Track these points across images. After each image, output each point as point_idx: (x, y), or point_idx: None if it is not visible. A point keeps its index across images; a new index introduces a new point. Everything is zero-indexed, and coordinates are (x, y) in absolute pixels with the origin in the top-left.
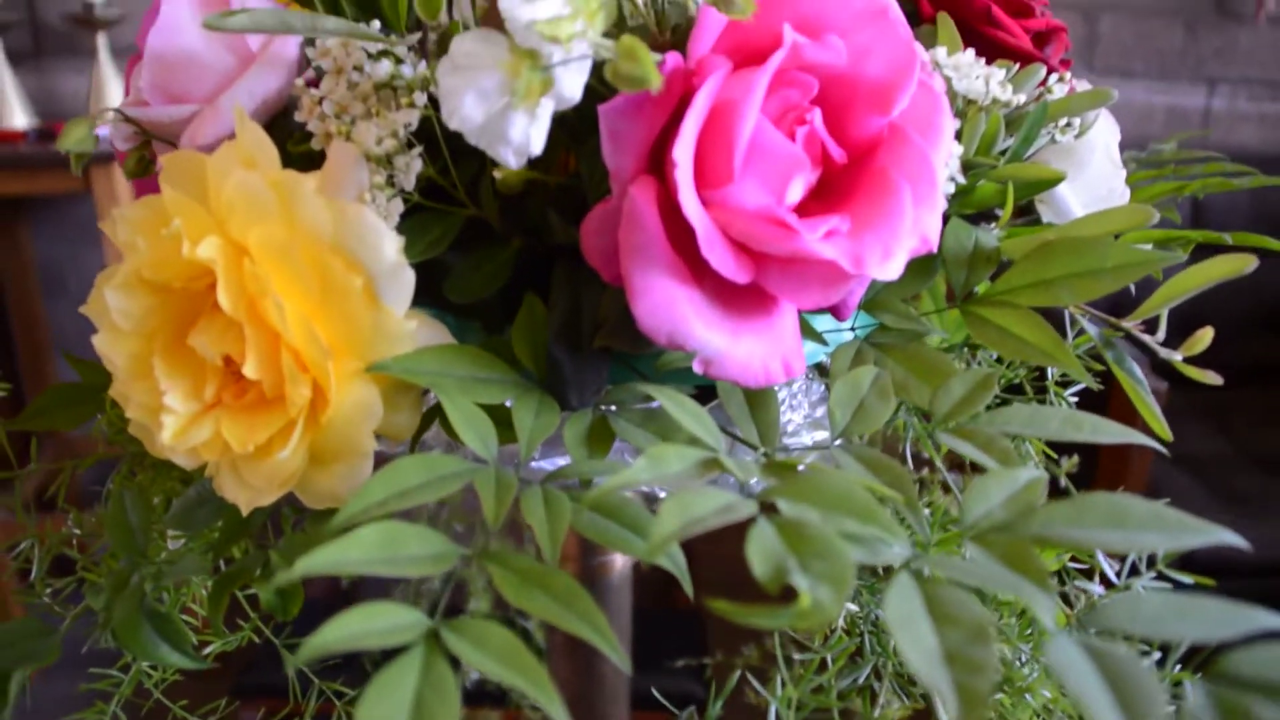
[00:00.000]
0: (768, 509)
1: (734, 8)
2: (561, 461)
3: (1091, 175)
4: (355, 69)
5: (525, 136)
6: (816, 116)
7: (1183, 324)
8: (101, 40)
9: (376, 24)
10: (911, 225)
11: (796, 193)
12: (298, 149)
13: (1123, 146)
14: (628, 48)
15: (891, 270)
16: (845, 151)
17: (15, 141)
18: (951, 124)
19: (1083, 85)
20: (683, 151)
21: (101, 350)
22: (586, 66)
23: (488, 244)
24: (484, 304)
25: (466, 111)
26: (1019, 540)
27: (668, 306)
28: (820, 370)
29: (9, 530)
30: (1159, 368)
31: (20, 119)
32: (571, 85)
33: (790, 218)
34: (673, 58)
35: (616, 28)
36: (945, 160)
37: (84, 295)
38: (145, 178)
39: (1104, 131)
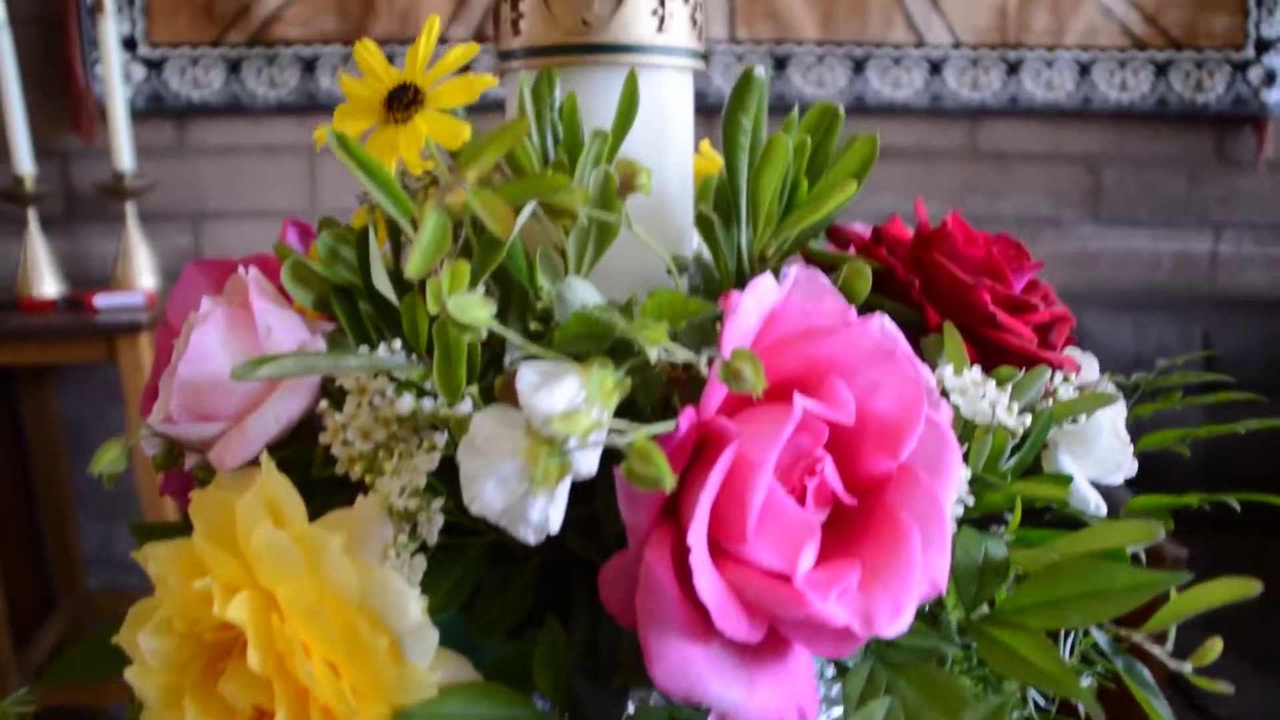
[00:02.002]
0: None
1: (744, 383)
2: None
3: (1099, 453)
4: (378, 394)
5: (544, 517)
6: (827, 465)
7: (1207, 472)
8: (130, 208)
9: (399, 343)
10: (921, 572)
11: (809, 559)
12: (322, 474)
13: (1131, 293)
14: (641, 450)
15: (900, 626)
16: (856, 489)
17: (45, 311)
18: (960, 458)
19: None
20: (697, 537)
21: (133, 683)
22: (602, 445)
23: (508, 565)
24: None
25: (487, 499)
26: None
27: (684, 668)
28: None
29: None
30: (1180, 524)
31: (50, 286)
32: (588, 463)
33: (803, 585)
34: (687, 418)
35: (632, 373)
36: (954, 496)
37: None
38: (173, 469)
39: (1110, 411)
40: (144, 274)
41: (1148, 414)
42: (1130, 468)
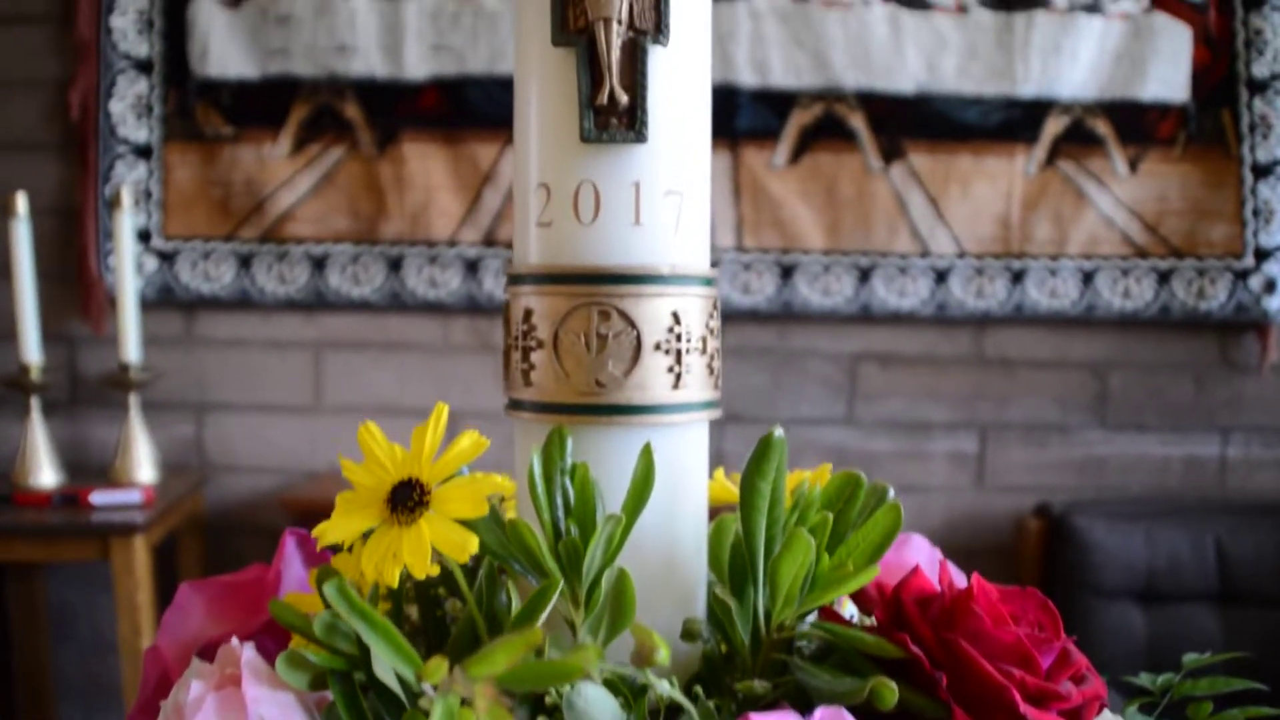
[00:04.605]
0: None
1: None
2: None
3: None
4: None
5: None
6: None
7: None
8: (133, 399)
9: None
10: None
11: None
12: None
13: (1141, 499)
14: None
15: None
16: None
17: (41, 505)
18: None
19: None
20: None
21: None
22: None
23: None
24: None
25: None
26: None
27: None
28: None
29: None
30: None
31: (48, 476)
32: None
33: None
34: None
35: None
36: None
37: (94, 640)
38: None
39: None
40: (143, 467)
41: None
42: None
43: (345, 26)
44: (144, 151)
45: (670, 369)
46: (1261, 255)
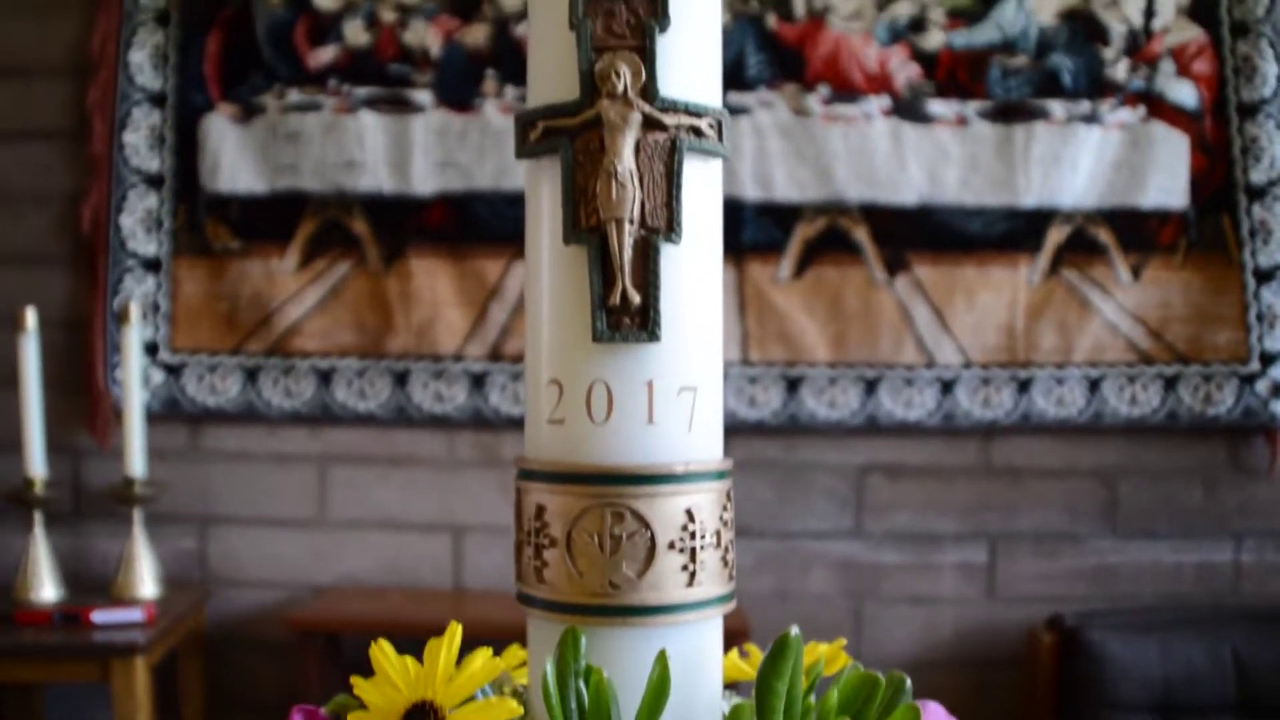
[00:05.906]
0: None
1: None
2: None
3: None
4: None
5: None
6: None
7: None
8: (137, 514)
9: None
10: None
11: None
12: None
13: (1154, 608)
14: None
15: None
16: None
17: (41, 623)
18: None
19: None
20: None
21: None
22: None
23: None
24: None
25: None
26: None
27: None
28: None
29: None
30: None
31: (49, 592)
32: None
33: None
34: None
35: None
36: None
37: None
38: None
39: None
40: (146, 583)
41: None
42: None
43: (354, 143)
44: (153, 265)
45: (685, 567)
46: (1267, 359)
